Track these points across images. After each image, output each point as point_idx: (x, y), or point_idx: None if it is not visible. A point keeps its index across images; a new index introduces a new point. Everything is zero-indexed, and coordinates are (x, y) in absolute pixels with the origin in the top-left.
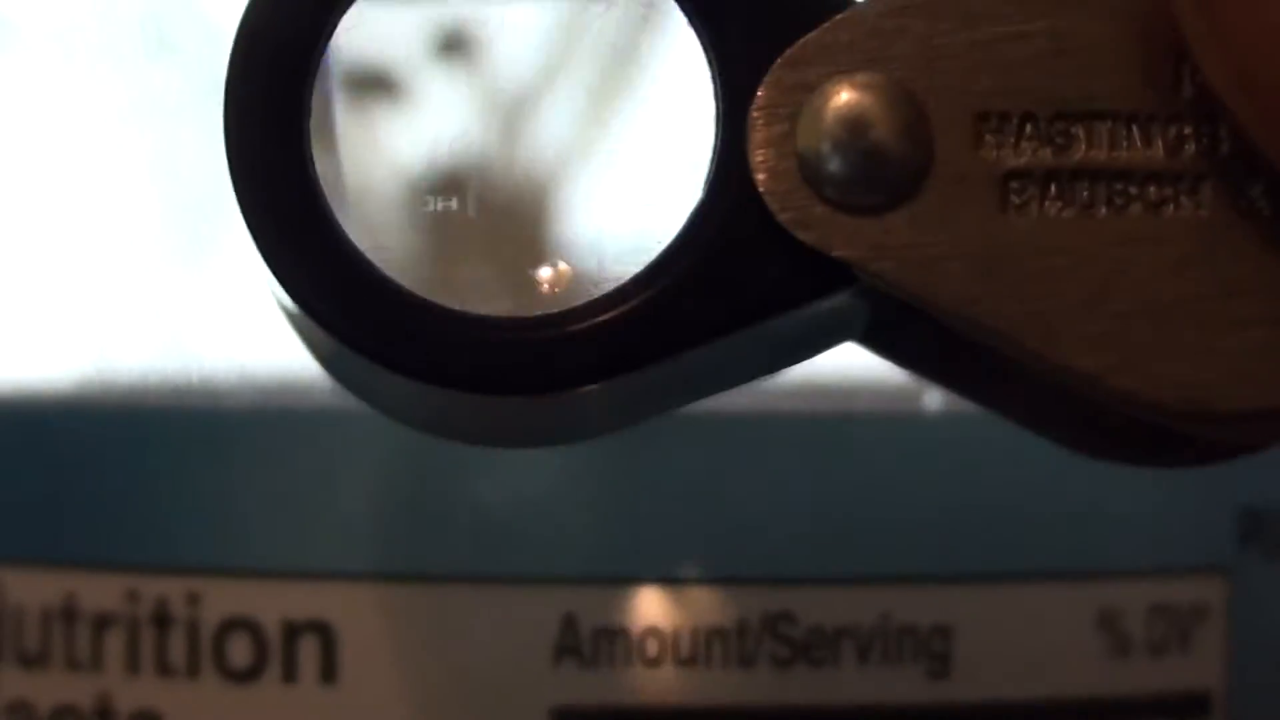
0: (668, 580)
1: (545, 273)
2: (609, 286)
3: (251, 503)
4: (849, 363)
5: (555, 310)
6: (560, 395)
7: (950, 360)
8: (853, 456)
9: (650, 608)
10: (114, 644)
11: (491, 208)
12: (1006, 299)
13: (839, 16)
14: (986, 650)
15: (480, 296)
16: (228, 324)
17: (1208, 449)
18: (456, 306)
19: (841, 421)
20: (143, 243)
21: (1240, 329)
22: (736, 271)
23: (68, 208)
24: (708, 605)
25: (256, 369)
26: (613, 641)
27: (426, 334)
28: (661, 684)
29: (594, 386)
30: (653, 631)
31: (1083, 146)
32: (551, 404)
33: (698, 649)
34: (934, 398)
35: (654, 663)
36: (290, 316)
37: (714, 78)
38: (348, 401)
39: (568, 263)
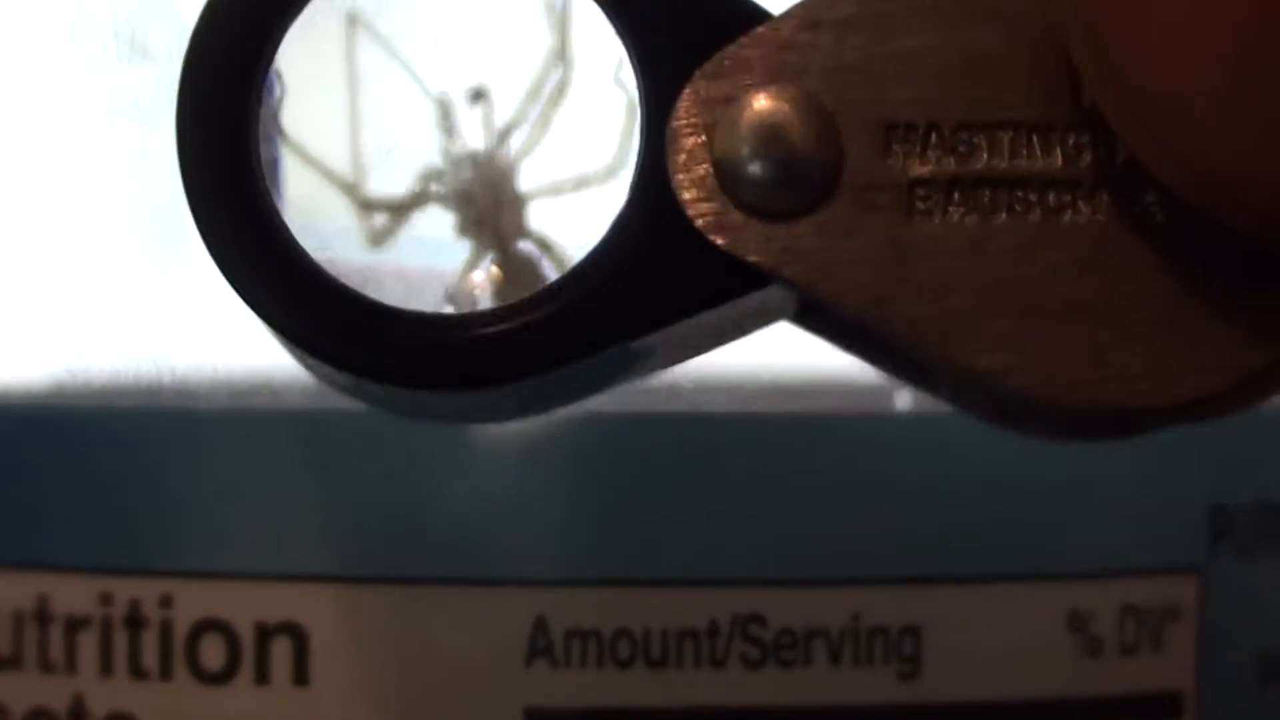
0: (639, 581)
1: (478, 275)
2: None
3: (224, 505)
4: (817, 363)
5: (481, 310)
6: (481, 391)
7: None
8: (822, 457)
9: (621, 609)
10: (87, 646)
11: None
12: (912, 302)
13: (755, 31)
14: (957, 651)
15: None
16: (201, 325)
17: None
18: (386, 301)
19: (811, 422)
20: (116, 244)
21: (1132, 330)
22: (656, 275)
23: (41, 209)
24: (679, 606)
25: (229, 370)
26: (584, 643)
27: (352, 326)
28: (633, 685)
29: (517, 383)
30: (624, 633)
31: (985, 155)
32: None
33: (669, 650)
34: (904, 398)
35: (625, 664)
36: None
37: (637, 89)
38: (320, 403)
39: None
